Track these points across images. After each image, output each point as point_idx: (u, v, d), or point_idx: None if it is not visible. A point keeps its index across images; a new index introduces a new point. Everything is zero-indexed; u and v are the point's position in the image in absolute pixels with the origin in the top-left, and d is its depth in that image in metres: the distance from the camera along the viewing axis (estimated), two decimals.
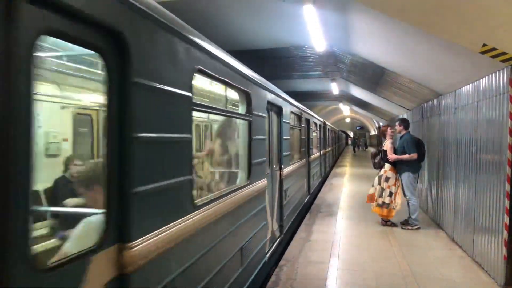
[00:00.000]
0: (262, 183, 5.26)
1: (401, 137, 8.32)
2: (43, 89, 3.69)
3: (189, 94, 2.77)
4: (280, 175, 6.87)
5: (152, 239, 2.25)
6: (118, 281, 1.99)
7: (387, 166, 8.19)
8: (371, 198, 8.45)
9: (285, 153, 7.17)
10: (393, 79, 9.36)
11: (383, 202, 8.10)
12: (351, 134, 63.07)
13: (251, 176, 4.69)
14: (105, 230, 1.95)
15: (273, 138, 6.46)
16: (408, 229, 7.99)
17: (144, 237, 2.18)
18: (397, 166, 8.14)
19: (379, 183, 8.23)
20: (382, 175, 8.22)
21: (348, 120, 56.03)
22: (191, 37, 2.89)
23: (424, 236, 7.59)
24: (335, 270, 5.74)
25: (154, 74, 2.34)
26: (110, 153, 2.00)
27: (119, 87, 2.04)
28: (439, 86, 7.65)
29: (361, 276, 5.49)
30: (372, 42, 7.87)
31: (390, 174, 8.14)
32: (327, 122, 20.50)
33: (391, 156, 8.09)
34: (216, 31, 7.95)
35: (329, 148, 21.66)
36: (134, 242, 2.08)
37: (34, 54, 1.54)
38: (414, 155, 7.91)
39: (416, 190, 8.39)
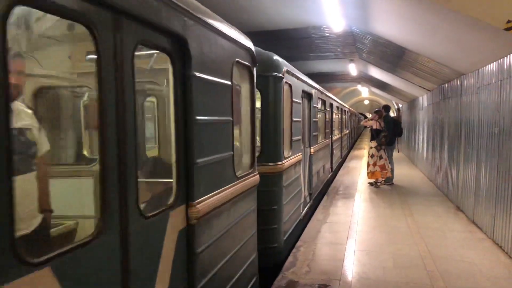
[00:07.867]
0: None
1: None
2: None
3: None
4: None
5: None
6: None
7: None
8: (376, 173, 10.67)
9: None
10: (413, 59, 9.14)
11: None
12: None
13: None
14: None
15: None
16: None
17: None
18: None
19: (386, 154, 10.62)
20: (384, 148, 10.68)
21: (366, 102, 55.12)
22: None
23: (443, 218, 7.52)
24: (352, 251, 5.75)
25: None
26: None
27: None
28: (461, 65, 7.44)
29: (378, 257, 5.48)
30: (392, 21, 7.66)
31: None
32: (346, 105, 20.35)
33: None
34: (231, 11, 7.84)
35: (348, 130, 21.51)
36: None
37: None
38: None
39: None
